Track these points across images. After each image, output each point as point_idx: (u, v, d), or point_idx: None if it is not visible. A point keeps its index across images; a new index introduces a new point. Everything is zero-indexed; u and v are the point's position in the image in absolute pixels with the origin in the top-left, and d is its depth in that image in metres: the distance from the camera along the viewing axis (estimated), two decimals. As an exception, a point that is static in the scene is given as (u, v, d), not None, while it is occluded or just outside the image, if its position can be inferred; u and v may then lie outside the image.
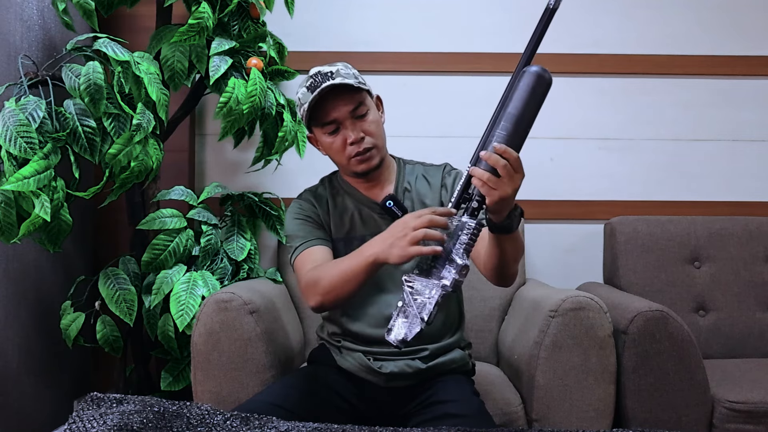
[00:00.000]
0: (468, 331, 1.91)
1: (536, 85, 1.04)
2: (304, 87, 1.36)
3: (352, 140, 1.35)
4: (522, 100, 1.04)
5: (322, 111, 1.35)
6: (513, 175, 1.06)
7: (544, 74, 1.05)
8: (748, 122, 2.25)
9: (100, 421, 0.97)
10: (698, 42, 2.25)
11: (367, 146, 1.36)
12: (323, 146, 1.42)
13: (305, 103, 1.35)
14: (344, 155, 1.38)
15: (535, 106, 1.05)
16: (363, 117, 1.36)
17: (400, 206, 1.33)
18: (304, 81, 1.38)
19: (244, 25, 1.88)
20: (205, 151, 2.25)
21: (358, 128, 1.36)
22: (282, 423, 1.04)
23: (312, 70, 1.38)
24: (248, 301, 1.52)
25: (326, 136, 1.38)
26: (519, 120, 1.04)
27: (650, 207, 2.23)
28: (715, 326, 1.97)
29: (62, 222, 1.59)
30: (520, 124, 1.05)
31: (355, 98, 1.35)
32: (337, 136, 1.37)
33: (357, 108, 1.35)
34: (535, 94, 1.04)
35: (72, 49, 1.61)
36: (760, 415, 1.51)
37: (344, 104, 1.34)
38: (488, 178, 1.05)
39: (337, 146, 1.37)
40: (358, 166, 1.38)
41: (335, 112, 1.35)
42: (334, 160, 1.43)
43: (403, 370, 1.37)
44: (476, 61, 2.24)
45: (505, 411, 1.49)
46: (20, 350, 1.76)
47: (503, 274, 1.30)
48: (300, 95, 1.37)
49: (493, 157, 1.04)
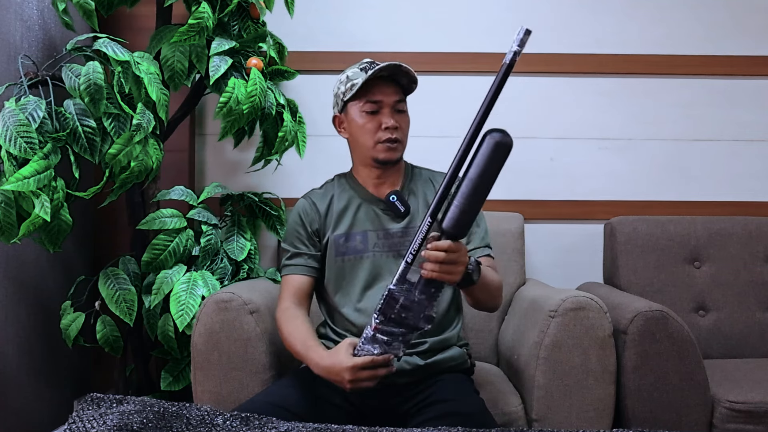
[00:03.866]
0: (468, 330, 1.91)
1: (498, 152, 1.15)
2: (357, 68, 1.44)
3: (388, 126, 1.42)
4: (482, 166, 1.15)
5: (370, 89, 1.42)
6: (455, 257, 1.18)
7: (505, 141, 1.15)
8: (748, 122, 2.25)
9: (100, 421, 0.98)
10: (698, 42, 2.25)
11: (397, 137, 1.43)
12: (353, 125, 1.46)
13: (355, 79, 1.42)
14: (374, 138, 1.43)
15: (496, 170, 1.16)
16: (401, 112, 1.46)
17: (403, 202, 1.45)
18: (354, 65, 1.46)
19: (244, 25, 1.88)
20: (205, 151, 2.25)
21: (396, 119, 1.43)
22: (282, 423, 1.05)
23: (366, 60, 1.46)
24: (248, 301, 1.52)
25: (362, 115, 1.44)
26: (478, 185, 1.15)
27: (650, 207, 2.23)
28: (715, 326, 1.97)
29: (62, 222, 1.59)
30: (479, 188, 1.15)
31: (401, 94, 1.45)
32: (374, 118, 1.43)
33: (400, 102, 1.45)
34: (495, 160, 1.15)
35: (72, 49, 1.61)
36: (760, 415, 1.51)
37: (393, 92, 1.44)
38: (439, 268, 1.18)
39: (371, 127, 1.43)
40: (383, 153, 1.44)
41: (383, 95, 1.42)
42: (359, 141, 1.46)
43: (401, 367, 1.38)
44: (476, 60, 2.24)
45: (505, 411, 1.49)
46: (20, 350, 1.76)
47: (483, 309, 1.44)
48: (349, 74, 1.45)
49: (433, 255, 1.17)
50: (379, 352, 1.20)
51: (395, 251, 1.45)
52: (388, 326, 1.18)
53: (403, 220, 1.47)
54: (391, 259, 1.45)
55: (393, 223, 1.47)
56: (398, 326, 1.18)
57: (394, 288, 1.18)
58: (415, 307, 1.18)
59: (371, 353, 1.20)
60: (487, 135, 1.16)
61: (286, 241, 1.52)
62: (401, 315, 1.18)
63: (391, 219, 1.47)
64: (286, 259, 1.50)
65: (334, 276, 1.47)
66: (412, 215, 1.47)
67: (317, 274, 1.49)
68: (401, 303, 1.18)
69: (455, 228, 1.17)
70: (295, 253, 1.49)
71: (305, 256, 1.48)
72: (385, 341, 1.19)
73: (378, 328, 1.19)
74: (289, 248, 1.50)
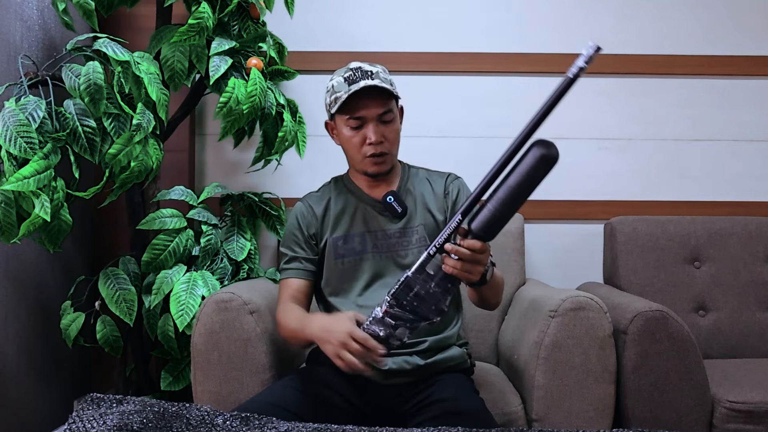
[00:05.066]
0: (468, 331, 1.91)
1: (542, 164, 1.10)
2: (341, 77, 1.41)
3: (372, 141, 1.40)
4: (523, 175, 1.11)
5: (353, 105, 1.39)
6: (479, 258, 1.17)
7: (551, 153, 1.10)
8: (748, 122, 2.25)
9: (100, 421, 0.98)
10: (698, 42, 2.25)
11: (383, 151, 1.42)
12: (340, 137, 1.46)
13: (339, 92, 1.39)
14: (360, 152, 1.43)
15: (536, 182, 1.11)
16: (388, 123, 1.42)
17: (400, 202, 1.45)
18: (341, 71, 1.43)
19: (244, 25, 1.88)
20: (205, 151, 2.25)
21: (381, 132, 1.41)
22: (282, 423, 1.05)
23: (352, 64, 1.43)
24: (248, 301, 1.52)
25: (348, 129, 1.43)
26: (516, 193, 1.11)
27: (650, 207, 2.23)
28: (715, 326, 1.97)
29: (62, 222, 1.59)
30: (516, 196, 1.11)
31: (387, 104, 1.41)
32: (359, 133, 1.42)
33: (385, 113, 1.41)
34: (538, 172, 1.10)
35: (72, 49, 1.61)
36: (760, 415, 1.51)
37: (375, 106, 1.40)
38: (461, 266, 1.16)
39: (356, 142, 1.42)
40: (371, 167, 1.44)
41: (365, 111, 1.40)
42: (348, 153, 1.48)
43: (402, 367, 1.38)
44: (476, 60, 2.24)
45: (505, 411, 1.49)
46: (20, 350, 1.76)
47: (486, 306, 1.45)
48: (335, 83, 1.42)
49: (460, 251, 1.15)
50: (384, 334, 1.19)
51: (394, 252, 1.45)
52: (399, 311, 1.18)
53: (400, 221, 1.47)
54: (390, 259, 1.45)
55: (390, 224, 1.47)
56: (408, 313, 1.18)
57: (411, 276, 1.17)
58: (428, 297, 1.18)
59: (377, 333, 1.19)
60: (534, 145, 1.11)
61: (284, 245, 1.53)
62: (413, 303, 1.18)
63: (388, 220, 1.47)
64: (284, 263, 1.51)
65: (334, 278, 1.48)
66: (409, 215, 1.47)
67: (315, 277, 1.50)
68: (416, 291, 1.18)
69: (484, 230, 1.15)
70: (292, 257, 1.50)
71: (303, 260, 1.49)
72: (392, 325, 1.18)
73: (388, 311, 1.18)
74: (287, 252, 1.51)
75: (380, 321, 1.19)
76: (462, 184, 1.54)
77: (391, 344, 1.20)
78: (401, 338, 1.20)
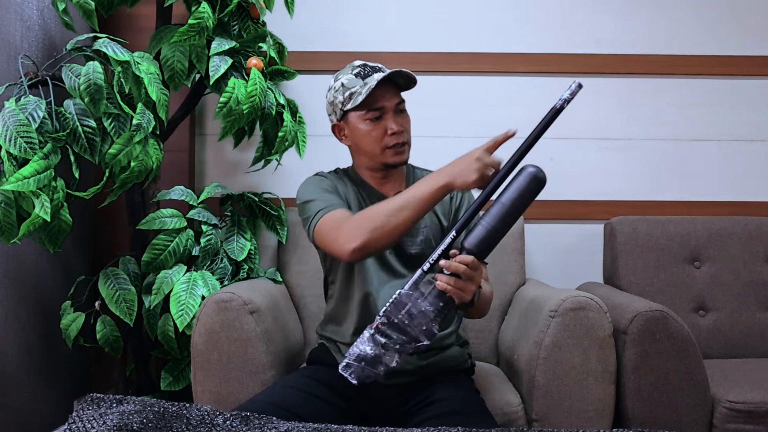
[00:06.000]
0: (468, 331, 1.91)
1: (533, 184, 1.17)
2: (351, 74, 1.42)
3: (394, 131, 1.41)
4: (516, 193, 1.17)
5: (371, 97, 1.39)
6: (473, 275, 1.18)
7: (540, 175, 1.18)
8: (748, 122, 2.25)
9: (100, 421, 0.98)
10: (699, 42, 2.25)
11: (404, 140, 1.43)
12: (357, 133, 1.44)
13: (353, 87, 1.40)
14: (381, 144, 1.42)
15: (527, 200, 1.18)
16: (403, 112, 1.45)
17: None
18: (346, 70, 1.44)
19: (244, 25, 1.88)
20: (205, 151, 2.25)
21: (399, 122, 1.42)
22: (282, 423, 1.05)
23: (356, 62, 1.45)
24: (248, 301, 1.52)
25: (365, 123, 1.42)
26: (509, 210, 1.17)
27: (650, 207, 2.22)
28: (715, 326, 1.97)
29: (62, 222, 1.59)
30: (508, 213, 1.17)
31: (400, 94, 1.45)
32: (378, 125, 1.42)
33: (401, 103, 1.44)
34: (529, 191, 1.17)
35: (72, 49, 1.61)
36: (760, 415, 1.51)
37: (393, 96, 1.42)
38: (454, 282, 1.17)
39: (376, 134, 1.42)
40: (393, 157, 1.43)
41: (384, 101, 1.41)
42: (365, 148, 1.44)
43: (402, 367, 1.37)
44: (475, 60, 2.24)
45: (505, 411, 1.49)
46: (20, 350, 1.76)
47: (472, 318, 1.47)
48: (344, 81, 1.42)
49: (453, 266, 1.17)
50: (373, 354, 1.17)
51: (401, 250, 1.45)
52: (389, 330, 1.17)
53: None
54: (394, 253, 1.45)
55: None
56: (399, 332, 1.17)
57: (404, 293, 1.17)
58: (419, 316, 1.17)
59: (366, 352, 1.17)
60: (525, 168, 1.19)
61: (310, 195, 1.40)
62: (404, 321, 1.17)
63: None
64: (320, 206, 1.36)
65: (344, 272, 1.46)
66: None
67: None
68: (407, 309, 1.17)
69: (477, 247, 1.17)
70: (327, 198, 1.39)
71: (340, 200, 1.41)
72: (383, 344, 1.17)
73: (379, 328, 1.18)
74: (317, 197, 1.39)
75: (370, 339, 1.17)
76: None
77: (378, 371, 1.17)
78: (389, 364, 1.17)
